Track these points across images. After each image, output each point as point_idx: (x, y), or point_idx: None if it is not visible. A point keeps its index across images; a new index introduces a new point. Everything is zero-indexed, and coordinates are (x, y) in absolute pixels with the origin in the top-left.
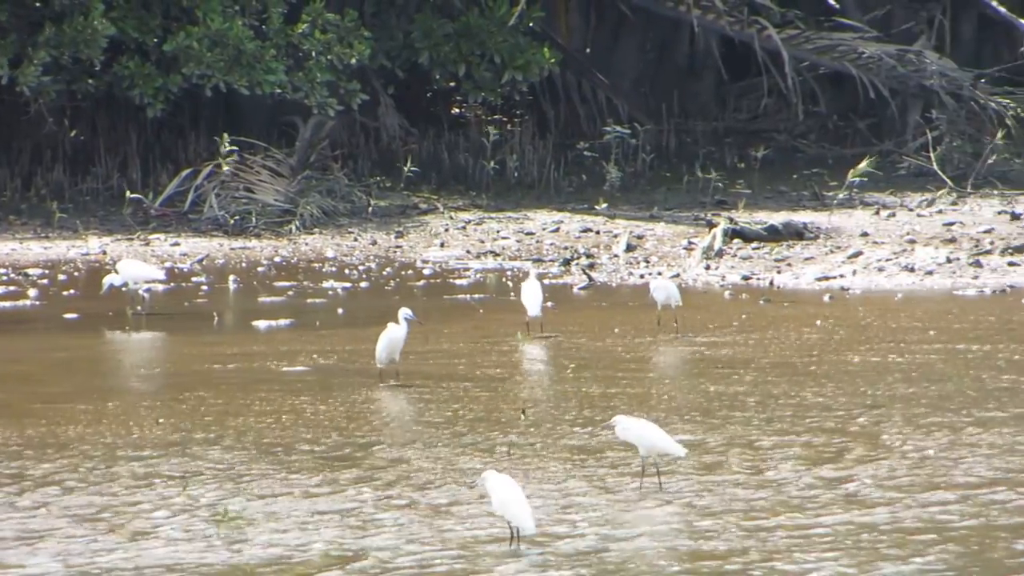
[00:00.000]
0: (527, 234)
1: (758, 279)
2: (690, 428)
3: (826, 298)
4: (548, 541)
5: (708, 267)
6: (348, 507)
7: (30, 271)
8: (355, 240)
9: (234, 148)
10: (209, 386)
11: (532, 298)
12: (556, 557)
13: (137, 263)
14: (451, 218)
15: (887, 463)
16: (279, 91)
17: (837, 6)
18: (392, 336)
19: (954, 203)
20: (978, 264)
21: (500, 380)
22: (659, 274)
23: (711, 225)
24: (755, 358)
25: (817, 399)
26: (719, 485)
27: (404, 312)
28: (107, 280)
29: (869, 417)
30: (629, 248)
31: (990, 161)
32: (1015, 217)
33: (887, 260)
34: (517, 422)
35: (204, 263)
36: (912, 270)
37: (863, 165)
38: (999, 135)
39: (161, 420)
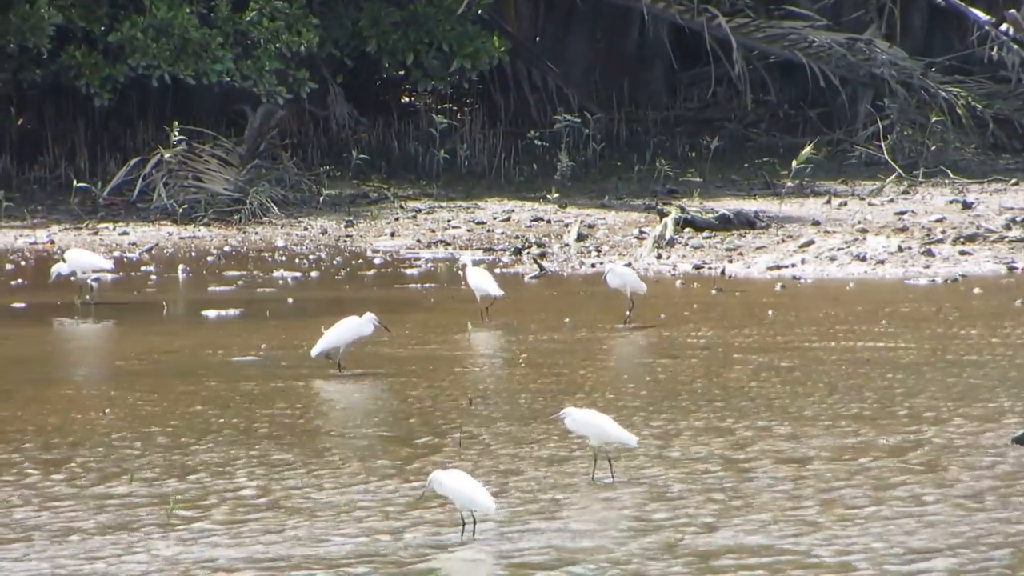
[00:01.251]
0: (478, 223)
1: (710, 268)
2: (642, 417)
3: (778, 287)
4: (502, 533)
5: (660, 256)
6: (294, 497)
7: None
8: (305, 229)
9: (183, 137)
10: (157, 375)
11: (486, 279)
12: (511, 548)
13: (85, 252)
14: (401, 207)
15: (840, 448)
16: (227, 80)
17: None
18: (356, 325)
19: (905, 192)
20: (930, 253)
21: (451, 370)
22: (611, 261)
23: (662, 214)
24: (707, 347)
25: (769, 387)
26: (670, 474)
27: (370, 317)
28: (55, 269)
29: (820, 404)
30: (580, 237)
31: (934, 147)
32: (966, 206)
33: (839, 249)
34: (466, 412)
35: (153, 252)
36: (864, 259)
37: (806, 151)
38: (949, 124)
39: (108, 410)
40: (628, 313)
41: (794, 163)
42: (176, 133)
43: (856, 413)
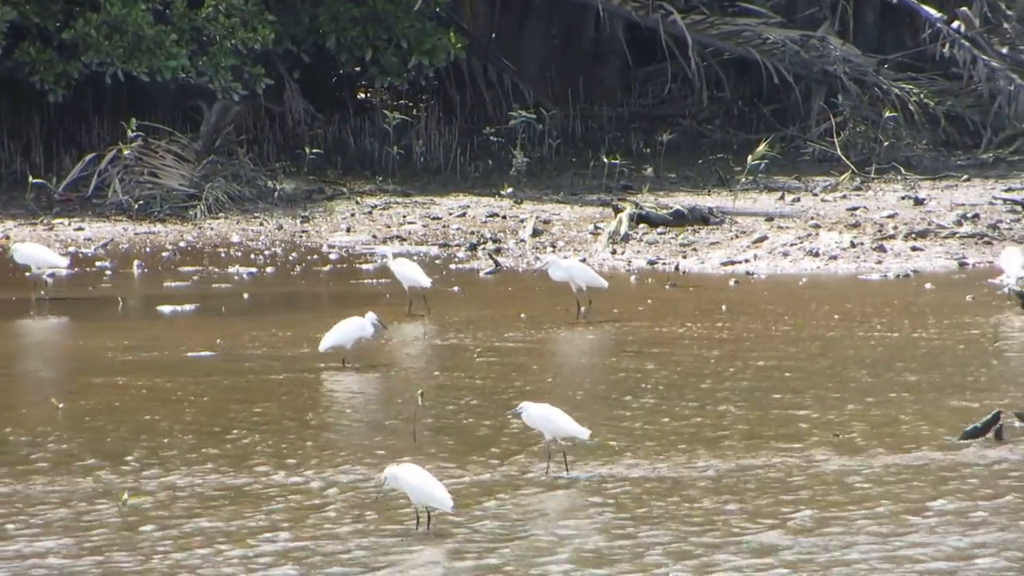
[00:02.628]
0: (433, 219)
1: (664, 264)
2: (595, 412)
3: (731, 283)
4: (457, 527)
5: (614, 252)
6: (247, 491)
7: None
8: (261, 225)
9: (138, 133)
10: (112, 371)
11: (414, 269)
12: (466, 543)
13: (41, 248)
14: (357, 203)
15: (791, 441)
16: (182, 76)
17: None
18: (357, 325)
19: (858, 188)
20: (882, 249)
21: (405, 365)
22: (566, 256)
23: (617, 210)
24: (661, 343)
25: (723, 383)
26: (624, 468)
27: (371, 317)
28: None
29: (772, 398)
30: (536, 233)
31: (887, 144)
32: (918, 202)
33: (792, 245)
34: (421, 409)
35: (108, 248)
36: (816, 255)
37: (761, 148)
38: (901, 120)
39: (61, 405)
40: (582, 308)
41: (749, 159)
42: (132, 129)
43: (810, 407)
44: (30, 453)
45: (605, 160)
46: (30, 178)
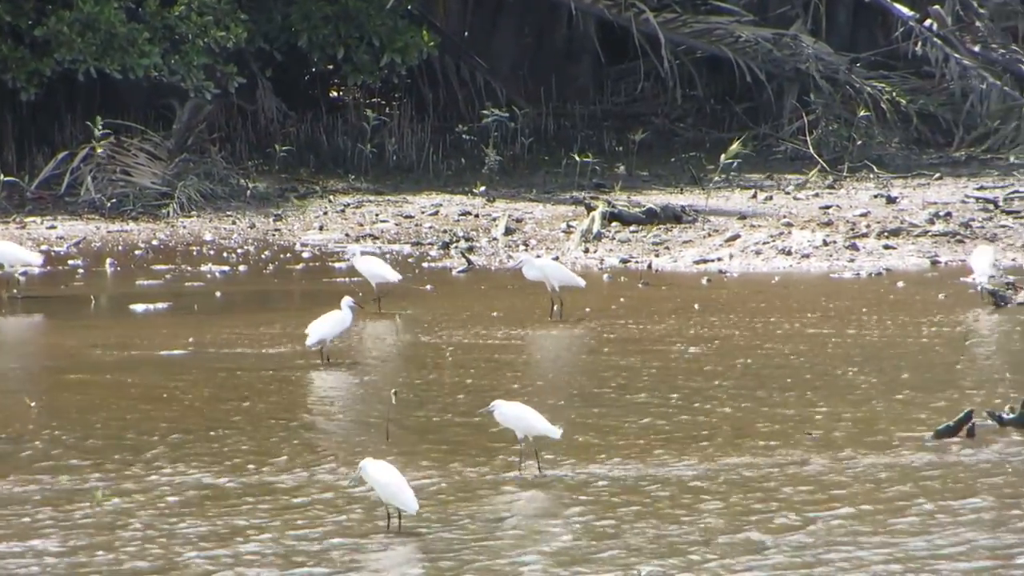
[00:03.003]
0: (406, 217)
1: (636, 262)
2: (567, 410)
3: (704, 281)
4: (428, 525)
5: (587, 250)
6: (218, 489)
7: None
8: (233, 223)
9: (110, 131)
10: (84, 369)
11: (381, 265)
12: (437, 541)
13: (13, 246)
14: (330, 201)
15: (755, 440)
16: (154, 74)
17: None
18: (340, 318)
19: (831, 187)
20: (854, 247)
21: (378, 364)
22: (539, 255)
23: (590, 208)
24: (633, 341)
25: (695, 383)
26: (597, 467)
27: (347, 300)
28: None
29: (744, 399)
30: (508, 231)
31: (859, 142)
32: (891, 201)
33: (764, 243)
34: (395, 407)
35: (81, 246)
36: (789, 253)
37: (734, 147)
38: (874, 119)
39: (34, 403)
40: (555, 307)
41: (723, 158)
42: (99, 128)
43: (783, 406)
44: (2, 452)
45: (577, 158)
46: (2, 176)
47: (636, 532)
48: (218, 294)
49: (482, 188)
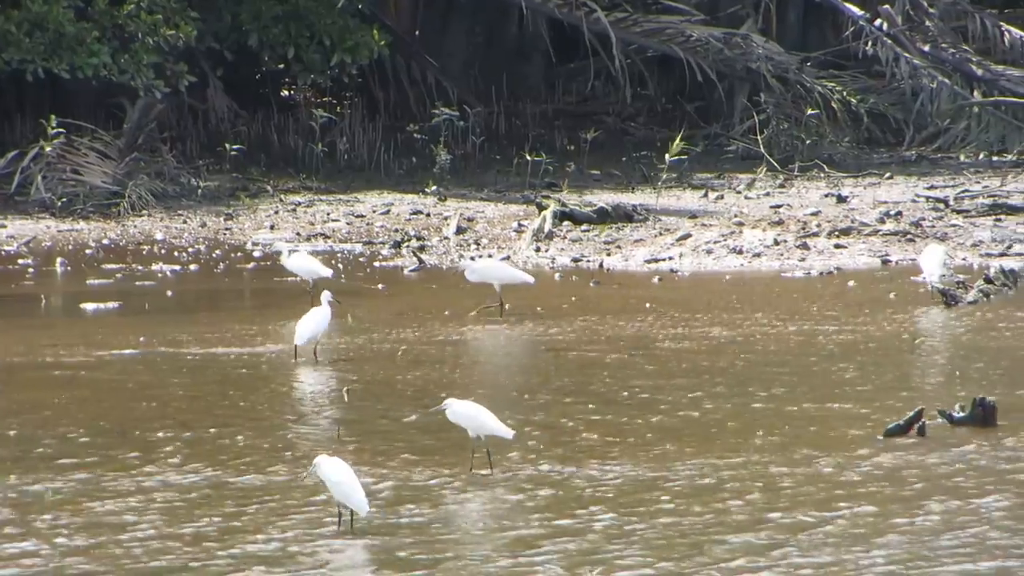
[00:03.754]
0: (357, 216)
1: (588, 261)
2: (518, 409)
3: (655, 280)
4: (379, 524)
5: (538, 249)
6: (170, 492)
7: None
8: (184, 222)
9: (60, 130)
10: (35, 368)
11: (312, 261)
12: (388, 539)
13: None
14: (281, 200)
15: (707, 441)
16: (103, 74)
17: None
18: (325, 313)
19: (781, 186)
20: (805, 246)
21: (329, 363)
22: (473, 258)
23: (541, 207)
24: (584, 341)
25: (644, 382)
26: (547, 467)
27: (326, 295)
28: None
29: (697, 399)
30: (460, 231)
31: (809, 142)
32: (841, 200)
33: (715, 242)
34: (348, 406)
35: (31, 245)
36: (740, 252)
37: (677, 144)
38: (824, 118)
39: None
40: (505, 306)
41: (668, 155)
42: (53, 126)
43: (733, 406)
44: None
45: (529, 157)
46: None
47: (584, 533)
48: (169, 293)
49: (434, 187)
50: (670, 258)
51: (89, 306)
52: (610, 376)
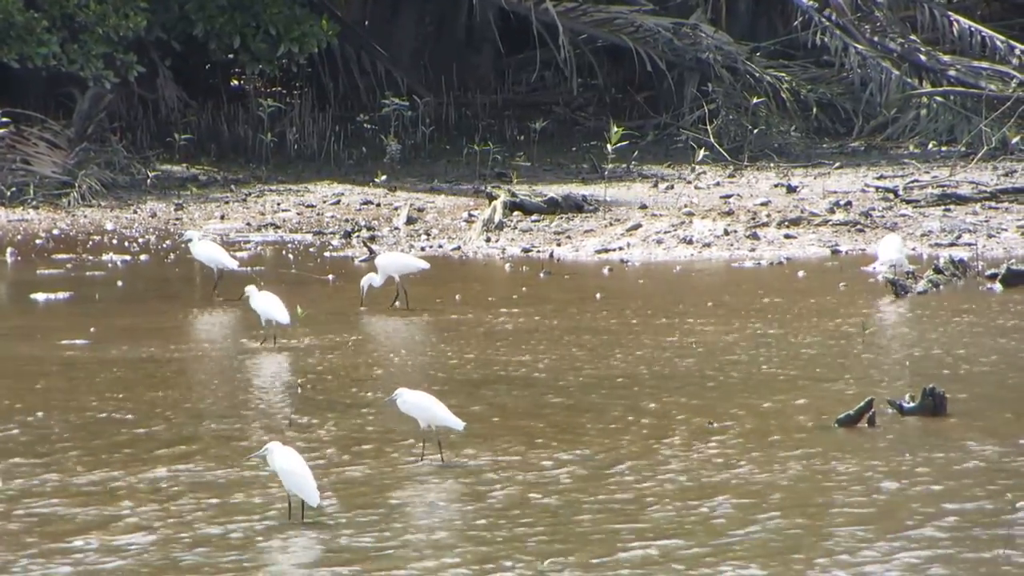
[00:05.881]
0: (308, 206)
1: (538, 251)
2: (468, 402)
3: (605, 270)
4: (330, 514)
5: (489, 240)
6: (106, 483)
7: None
8: (135, 212)
9: (9, 120)
10: None
11: (218, 250)
12: (338, 530)
13: None
14: (231, 190)
15: (658, 431)
16: (53, 64)
17: None
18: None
19: (731, 176)
20: (755, 236)
21: (280, 353)
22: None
23: (491, 198)
24: (534, 331)
25: (595, 373)
26: (497, 458)
27: (251, 290)
28: None
29: (645, 390)
30: (410, 221)
31: (758, 131)
32: (791, 190)
33: (666, 232)
34: (296, 397)
35: None
36: (690, 242)
37: (617, 132)
38: (774, 108)
39: None
40: (396, 298)
41: (609, 146)
42: (1, 116)
43: (683, 397)
44: None
45: (479, 148)
46: None
47: (536, 524)
48: (120, 283)
49: (384, 177)
50: (620, 248)
51: (39, 296)
52: (559, 367)
